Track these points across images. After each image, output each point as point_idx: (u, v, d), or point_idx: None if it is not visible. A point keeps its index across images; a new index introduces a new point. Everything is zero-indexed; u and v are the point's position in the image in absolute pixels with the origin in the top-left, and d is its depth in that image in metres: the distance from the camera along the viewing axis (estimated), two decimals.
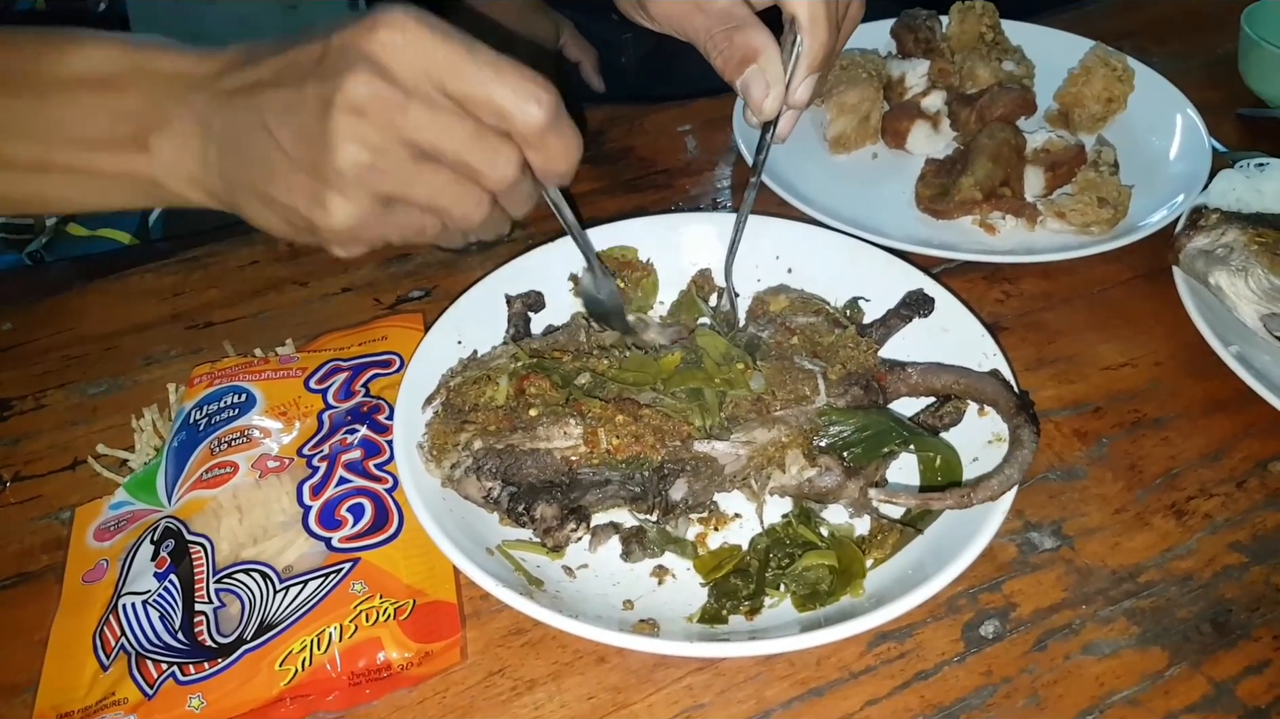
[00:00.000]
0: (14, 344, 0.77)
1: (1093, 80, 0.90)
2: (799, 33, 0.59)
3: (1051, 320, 0.77)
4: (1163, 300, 0.75)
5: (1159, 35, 1.11)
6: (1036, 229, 0.82)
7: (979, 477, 0.56)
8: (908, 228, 0.81)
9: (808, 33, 0.59)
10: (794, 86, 0.61)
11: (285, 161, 0.48)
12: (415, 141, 0.47)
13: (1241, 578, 0.60)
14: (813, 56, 0.60)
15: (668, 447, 0.57)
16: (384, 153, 0.47)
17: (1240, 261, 0.69)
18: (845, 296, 0.71)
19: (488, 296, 0.68)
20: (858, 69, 0.91)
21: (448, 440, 0.57)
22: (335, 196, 0.48)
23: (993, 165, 0.80)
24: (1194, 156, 0.86)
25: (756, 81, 0.60)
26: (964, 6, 0.96)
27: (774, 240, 0.72)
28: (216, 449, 0.64)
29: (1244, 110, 0.99)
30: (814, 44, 0.60)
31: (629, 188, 0.89)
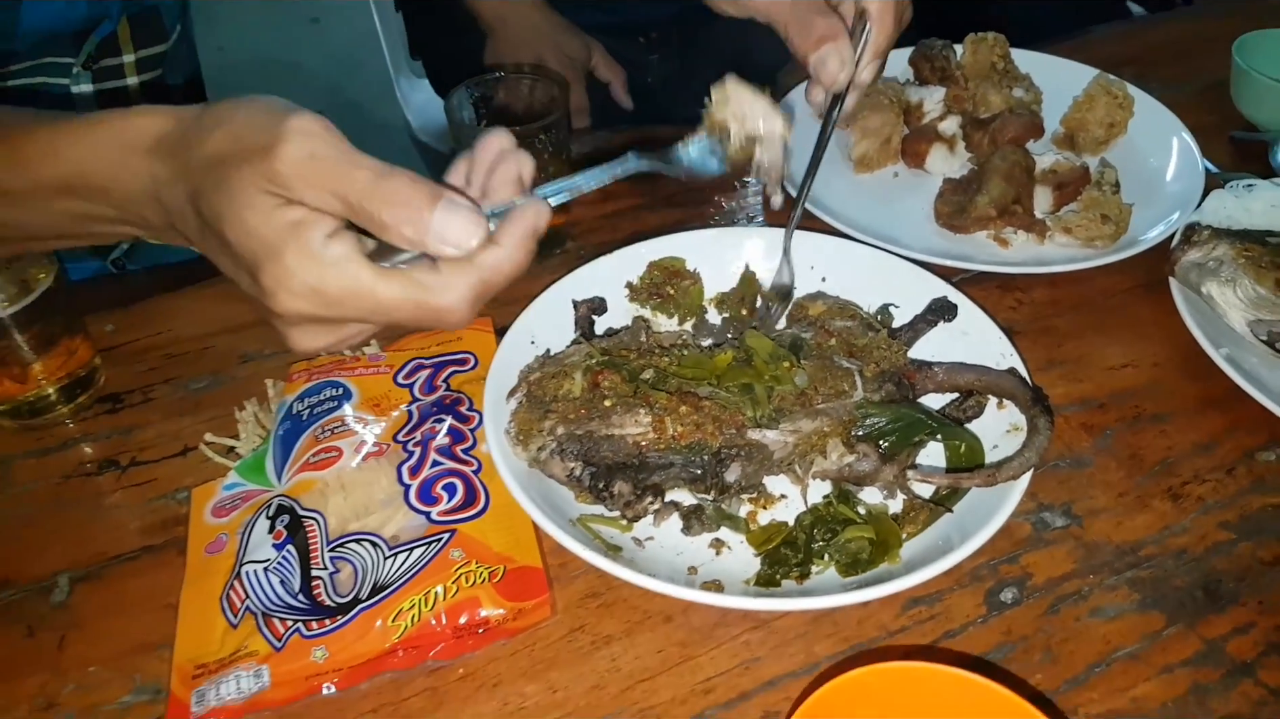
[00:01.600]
0: (117, 344, 0.85)
1: (1096, 106, 0.98)
2: (869, 22, 0.70)
3: (1060, 326, 0.84)
4: (1161, 308, 0.83)
5: (1157, 62, 1.19)
6: (1045, 243, 0.89)
7: (1001, 459, 0.64)
8: (927, 241, 0.89)
9: (877, 22, 0.70)
10: (862, 66, 0.72)
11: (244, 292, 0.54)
12: (344, 341, 0.55)
13: (1230, 552, 0.67)
14: (879, 43, 0.71)
15: (724, 434, 0.65)
16: (317, 337, 0.54)
17: (1229, 273, 0.77)
18: (876, 304, 0.79)
19: (556, 302, 0.76)
20: (879, 95, 0.99)
21: (533, 427, 0.65)
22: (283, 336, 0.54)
23: (1005, 185, 0.88)
24: (1189, 177, 0.94)
25: (832, 57, 0.70)
26: (977, 38, 1.04)
27: (809, 252, 0.80)
28: (321, 436, 0.71)
29: (1236, 133, 1.07)
30: (881, 33, 0.71)
31: (669, 203, 0.97)
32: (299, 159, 0.47)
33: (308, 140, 0.47)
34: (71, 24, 0.94)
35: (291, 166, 0.47)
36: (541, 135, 0.84)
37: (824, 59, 0.70)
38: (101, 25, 0.97)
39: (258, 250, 0.49)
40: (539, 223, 0.52)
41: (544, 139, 0.84)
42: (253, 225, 0.48)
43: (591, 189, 0.58)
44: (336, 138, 0.48)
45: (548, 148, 0.85)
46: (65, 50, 0.96)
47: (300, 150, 0.47)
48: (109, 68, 0.99)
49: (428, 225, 0.48)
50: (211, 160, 0.50)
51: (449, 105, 0.86)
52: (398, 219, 0.48)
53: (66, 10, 0.92)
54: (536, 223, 0.52)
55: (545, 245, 0.90)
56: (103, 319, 0.87)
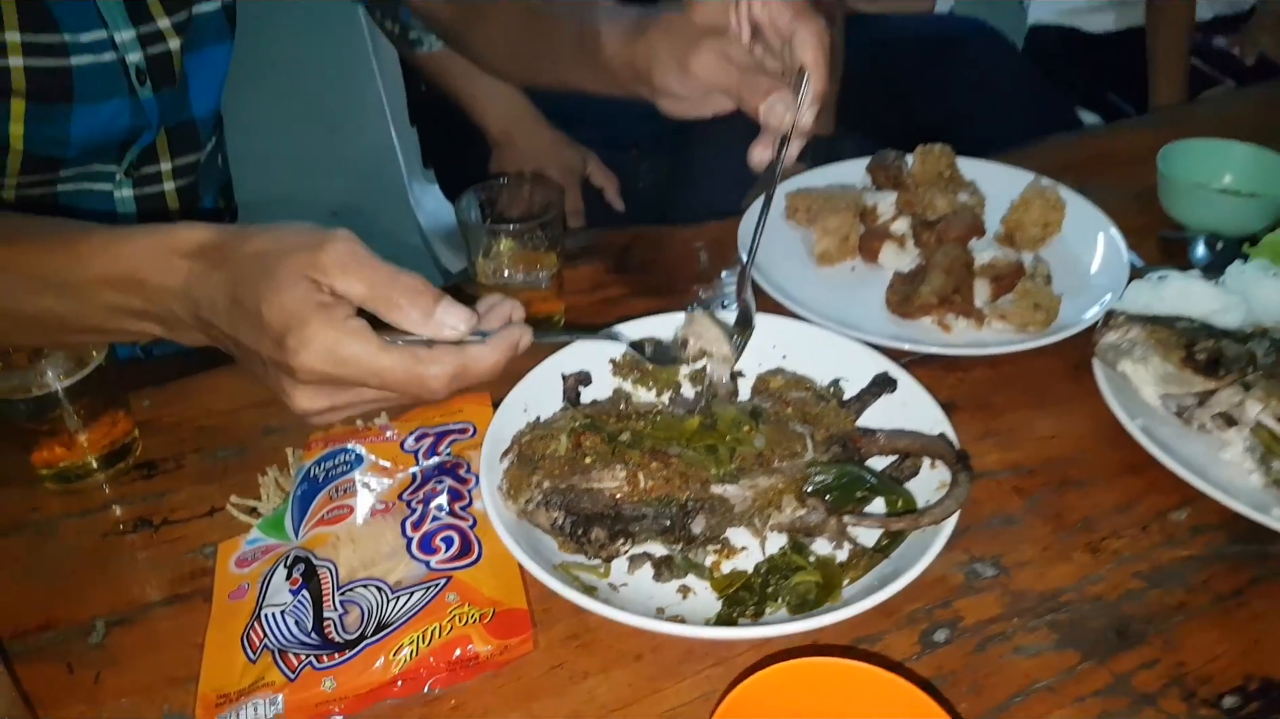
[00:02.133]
0: (153, 418, 0.95)
1: (1031, 208, 1.10)
2: (808, 73, 0.81)
3: (997, 401, 0.94)
4: (1086, 385, 0.92)
5: (1095, 170, 1.31)
6: (984, 329, 1.00)
7: (927, 505, 0.74)
8: (880, 326, 1.00)
9: (814, 73, 0.81)
10: (803, 111, 0.82)
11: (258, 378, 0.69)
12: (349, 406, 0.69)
13: (1141, 599, 0.76)
14: (816, 90, 0.82)
15: (690, 488, 0.74)
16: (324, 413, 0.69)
17: (1141, 352, 0.87)
18: (829, 378, 0.89)
19: (547, 375, 0.86)
20: (838, 200, 1.11)
21: (522, 482, 0.75)
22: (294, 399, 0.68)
23: (946, 277, 0.99)
24: (1115, 270, 1.05)
25: (778, 105, 0.81)
26: (925, 149, 1.17)
27: (772, 333, 0.91)
28: (334, 495, 0.81)
29: (1164, 233, 1.19)
30: (818, 81, 0.81)
31: (653, 292, 1.08)
32: (341, 253, 0.62)
33: (348, 243, 0.63)
34: (116, 134, 1.06)
35: (333, 258, 0.62)
36: (538, 232, 0.96)
37: (771, 106, 0.81)
38: (143, 136, 1.09)
39: (289, 321, 0.62)
40: (521, 341, 0.69)
41: (540, 235, 0.96)
42: (289, 301, 0.62)
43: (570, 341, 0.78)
44: (367, 248, 0.64)
45: (543, 243, 0.97)
46: (110, 158, 1.08)
47: (343, 248, 0.63)
48: (148, 174, 1.12)
49: (432, 310, 0.64)
50: (256, 255, 0.64)
51: (458, 207, 0.97)
52: (412, 303, 0.63)
53: (112, 122, 1.05)
54: (519, 340, 0.69)
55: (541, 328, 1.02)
56: (141, 395, 0.97)
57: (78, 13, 0.97)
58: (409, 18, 1.14)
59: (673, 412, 0.82)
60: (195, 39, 1.08)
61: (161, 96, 1.06)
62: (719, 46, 0.83)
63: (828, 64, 0.81)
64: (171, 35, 1.04)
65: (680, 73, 0.85)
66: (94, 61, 0.99)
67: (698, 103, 0.87)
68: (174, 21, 1.04)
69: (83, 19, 0.98)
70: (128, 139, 1.07)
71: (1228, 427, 0.84)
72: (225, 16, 1.12)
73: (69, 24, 0.97)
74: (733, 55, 0.83)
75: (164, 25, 1.03)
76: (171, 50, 1.05)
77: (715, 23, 0.84)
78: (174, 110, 1.09)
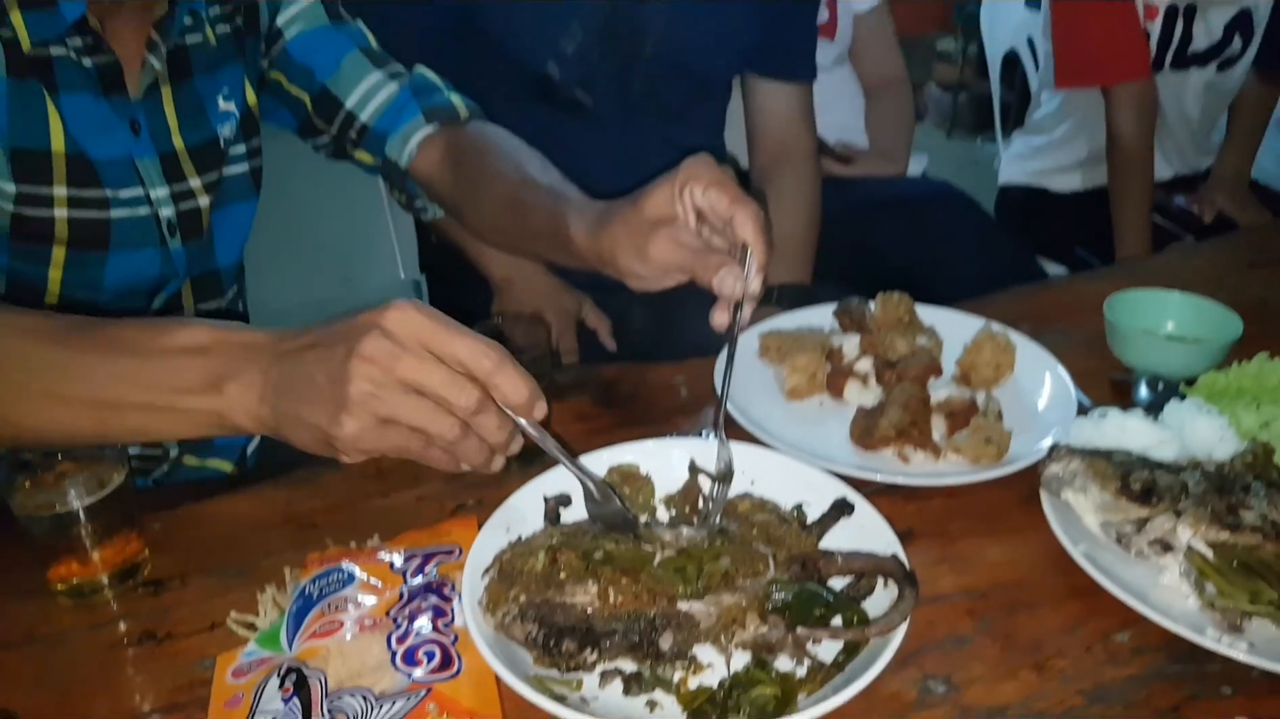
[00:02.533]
0: (163, 539, 1.00)
1: (983, 351, 1.19)
2: (750, 247, 0.93)
3: (953, 529, 1.00)
4: (1035, 514, 0.98)
5: (1052, 317, 1.41)
6: (940, 461, 1.07)
7: (874, 618, 0.79)
8: (845, 457, 1.07)
9: (755, 248, 0.93)
10: (750, 280, 0.93)
11: (316, 392, 0.76)
12: (404, 380, 0.74)
13: (1084, 716, 0.80)
14: (760, 261, 0.93)
15: (658, 605, 0.80)
16: (382, 386, 0.74)
17: (1081, 483, 0.94)
18: (793, 503, 0.95)
19: (530, 498, 0.93)
20: (807, 340, 1.20)
21: (501, 596, 0.80)
22: (346, 417, 0.75)
23: (903, 412, 1.07)
24: (1063, 408, 1.13)
25: (728, 278, 0.92)
26: (885, 295, 1.27)
27: (740, 461, 0.98)
28: (327, 611, 0.86)
29: (1115, 375, 1.27)
30: (760, 253, 0.93)
31: (635, 422, 1.16)
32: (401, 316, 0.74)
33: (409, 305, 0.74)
34: (146, 282, 1.17)
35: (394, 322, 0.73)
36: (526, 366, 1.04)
37: (722, 280, 0.92)
38: (170, 284, 1.20)
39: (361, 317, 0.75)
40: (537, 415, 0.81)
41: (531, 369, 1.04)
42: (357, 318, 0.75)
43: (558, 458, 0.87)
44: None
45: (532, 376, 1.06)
46: (138, 303, 1.19)
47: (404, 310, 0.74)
48: None
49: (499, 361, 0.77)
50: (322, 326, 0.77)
51: None
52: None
53: (143, 270, 1.16)
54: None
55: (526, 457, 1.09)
56: (153, 519, 1.03)
57: (119, 170, 1.09)
58: (415, 189, 1.27)
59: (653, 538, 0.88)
60: (223, 197, 1.21)
61: (189, 248, 1.17)
62: (670, 233, 0.95)
63: (766, 239, 0.93)
64: (202, 193, 1.17)
65: (640, 258, 0.97)
66: (130, 215, 1.11)
67: (658, 279, 1.00)
68: (205, 181, 1.17)
69: (123, 176, 1.10)
70: (156, 286, 1.18)
71: (1164, 552, 0.90)
72: (252, 177, 1.25)
73: (110, 180, 1.09)
74: (683, 239, 0.95)
75: (195, 184, 1.16)
76: (201, 207, 1.17)
77: (665, 213, 0.96)
78: (199, 260, 1.21)
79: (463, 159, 1.22)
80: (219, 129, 1.17)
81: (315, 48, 1.24)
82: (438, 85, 1.28)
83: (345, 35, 1.26)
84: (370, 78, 1.25)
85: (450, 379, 0.75)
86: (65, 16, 1.00)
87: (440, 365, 0.75)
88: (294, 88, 1.26)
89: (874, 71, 2.29)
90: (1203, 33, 2.23)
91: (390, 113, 1.25)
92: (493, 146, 1.21)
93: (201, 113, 1.16)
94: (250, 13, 1.20)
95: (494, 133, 1.25)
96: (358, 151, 1.30)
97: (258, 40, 1.22)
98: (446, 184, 1.24)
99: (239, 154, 1.22)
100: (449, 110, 1.26)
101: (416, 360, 0.74)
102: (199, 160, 1.16)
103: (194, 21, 1.13)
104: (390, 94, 1.25)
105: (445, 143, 1.24)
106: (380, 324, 0.73)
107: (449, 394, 0.76)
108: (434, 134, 1.25)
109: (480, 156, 1.20)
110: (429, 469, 1.09)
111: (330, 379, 0.74)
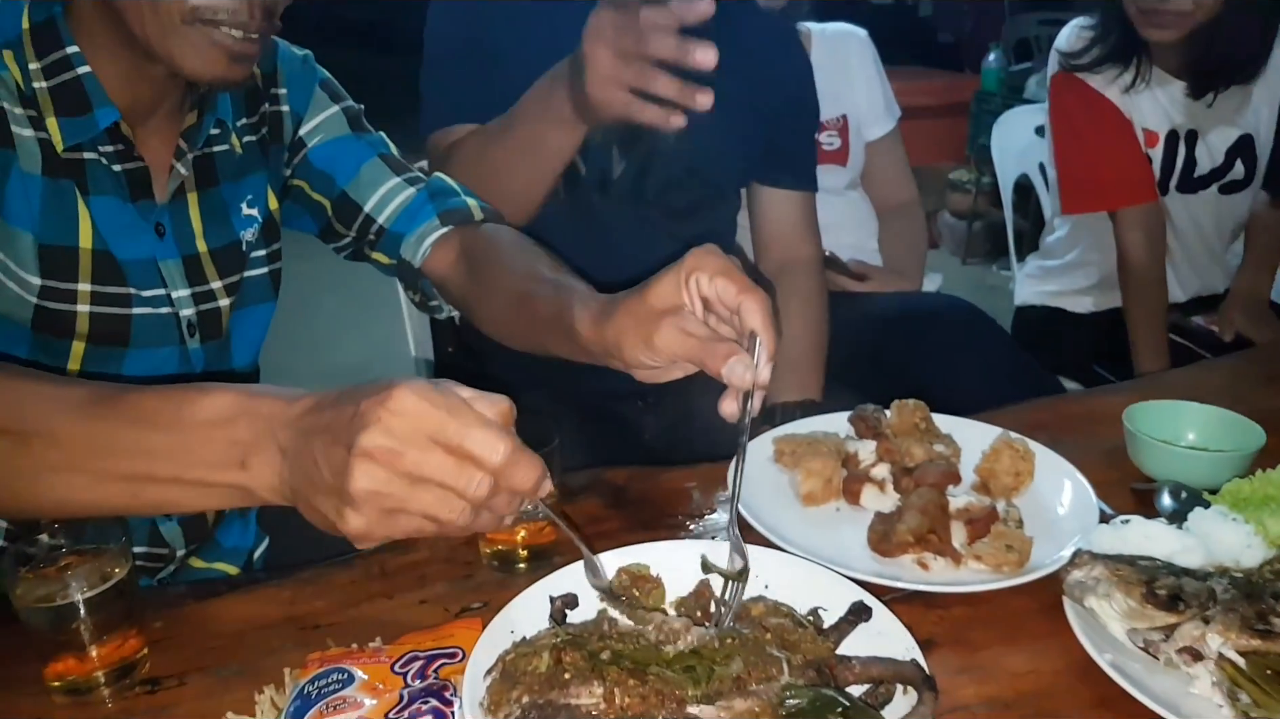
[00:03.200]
0: (164, 638, 0.99)
1: (1001, 458, 1.18)
2: (759, 335, 0.92)
3: (975, 638, 0.97)
4: (1058, 623, 0.95)
5: (1070, 428, 1.39)
6: (961, 568, 1.04)
7: None
8: (863, 563, 1.04)
9: (764, 336, 0.91)
10: (761, 368, 0.91)
11: (322, 483, 0.74)
12: (409, 474, 0.71)
13: None
14: (769, 348, 0.92)
15: (667, 708, 0.77)
16: (387, 482, 0.72)
17: (1105, 589, 0.91)
18: (808, 607, 0.93)
19: (536, 598, 0.91)
20: (821, 444, 1.19)
21: (502, 697, 0.78)
22: (350, 511, 0.73)
23: (921, 517, 1.05)
24: (1083, 514, 1.10)
25: (737, 366, 0.90)
26: (901, 403, 1.26)
27: (755, 564, 0.96)
28: (325, 712, 0.83)
29: (1136, 484, 1.25)
30: (769, 340, 0.91)
31: (646, 526, 1.15)
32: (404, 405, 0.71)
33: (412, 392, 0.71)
34: (163, 379, 1.19)
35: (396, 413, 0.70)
36: None
37: (732, 368, 0.90)
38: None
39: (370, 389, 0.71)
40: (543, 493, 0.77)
41: None
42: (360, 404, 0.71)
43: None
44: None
45: None
46: None
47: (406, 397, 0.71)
48: None
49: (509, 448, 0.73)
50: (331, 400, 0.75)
51: None
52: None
53: (161, 367, 1.17)
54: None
55: (535, 559, 1.07)
56: (153, 617, 1.02)
57: (143, 271, 1.12)
58: (429, 288, 1.30)
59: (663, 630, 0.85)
60: (243, 298, 1.23)
61: (207, 348, 1.19)
62: (677, 322, 0.94)
63: (774, 327, 0.93)
64: (222, 295, 1.19)
65: (647, 349, 0.96)
66: (151, 313, 1.13)
67: (666, 370, 0.99)
68: (226, 283, 1.20)
69: (146, 277, 1.13)
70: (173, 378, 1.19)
71: (1194, 661, 0.86)
72: (271, 280, 1.28)
73: (135, 279, 1.12)
74: (690, 328, 0.94)
75: (216, 286, 1.19)
76: (221, 308, 1.19)
77: (670, 303, 0.95)
78: (217, 360, 1.22)
79: (475, 257, 1.25)
80: (241, 233, 1.21)
81: (336, 156, 1.29)
82: (454, 190, 1.32)
83: (366, 144, 1.31)
84: (388, 183, 1.28)
85: (458, 470, 0.72)
86: (99, 123, 1.05)
87: (447, 457, 0.72)
88: (316, 194, 1.30)
89: (887, 195, 2.34)
90: (1205, 157, 2.28)
91: (406, 215, 1.28)
92: (503, 244, 1.24)
93: (225, 218, 1.20)
94: (275, 124, 1.26)
95: (506, 232, 1.27)
96: (375, 253, 1.33)
97: (281, 150, 1.27)
98: (459, 282, 1.26)
99: (260, 257, 1.25)
100: (464, 213, 1.29)
101: (421, 454, 0.71)
102: (221, 263, 1.19)
103: (221, 132, 1.18)
104: (407, 197, 1.29)
105: (460, 243, 1.25)
106: (382, 415, 0.70)
107: (458, 484, 0.73)
108: (448, 235, 1.27)
109: (491, 254, 1.23)
110: (435, 571, 1.08)
111: (334, 473, 0.73)
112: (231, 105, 1.19)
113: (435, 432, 0.71)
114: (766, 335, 0.92)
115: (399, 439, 0.71)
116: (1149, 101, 2.23)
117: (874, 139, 2.31)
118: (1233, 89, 2.20)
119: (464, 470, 0.73)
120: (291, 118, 1.27)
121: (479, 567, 1.08)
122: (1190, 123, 2.24)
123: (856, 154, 2.27)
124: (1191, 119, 2.24)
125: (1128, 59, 2.20)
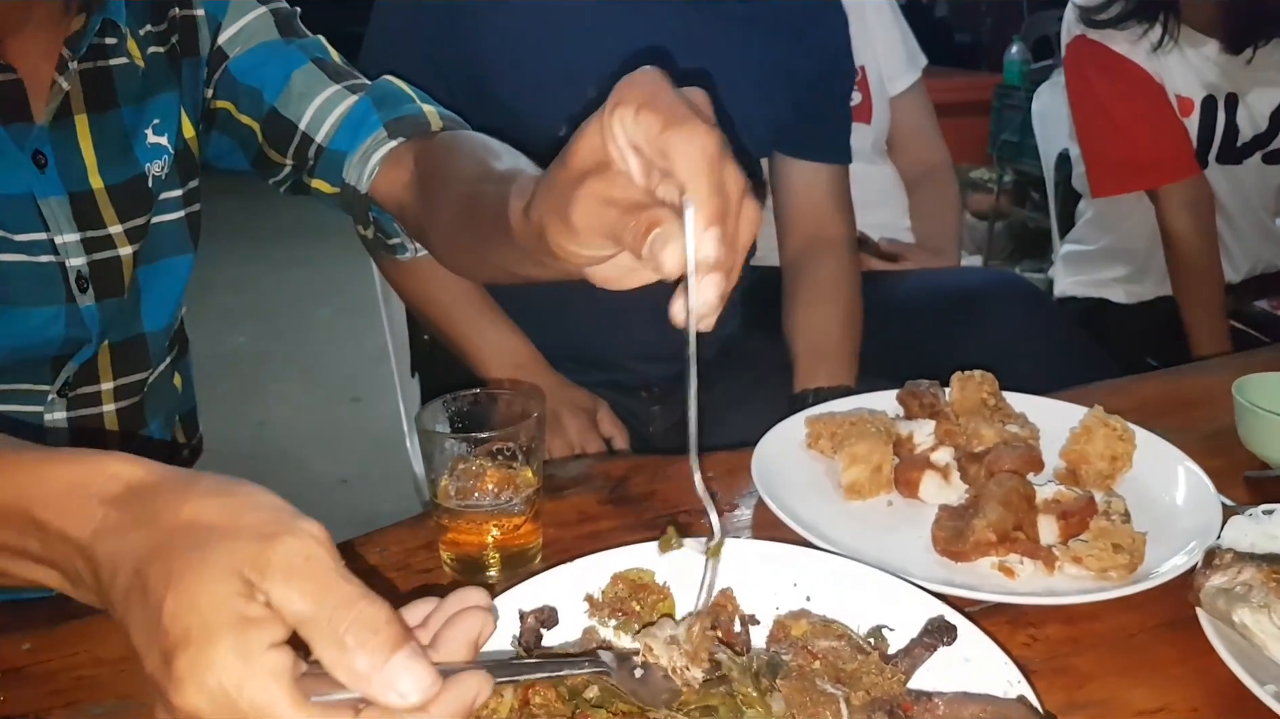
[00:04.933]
0: (30, 663, 0.77)
1: (1094, 439, 0.95)
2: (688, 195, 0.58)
3: (1080, 665, 0.74)
4: (1190, 647, 0.73)
5: (1156, 413, 1.16)
6: (1055, 574, 0.82)
7: None
8: (928, 569, 0.82)
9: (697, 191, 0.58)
10: (704, 242, 0.58)
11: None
12: None
13: None
14: (709, 212, 0.58)
15: None
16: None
17: (1261, 598, 0.69)
18: (867, 625, 0.70)
19: (501, 615, 0.68)
20: (867, 425, 0.97)
21: None
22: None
23: (1004, 510, 0.82)
24: (1204, 508, 0.88)
25: (659, 240, 0.57)
26: (963, 375, 1.04)
27: (791, 568, 0.74)
28: None
29: (1250, 473, 1.02)
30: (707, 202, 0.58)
31: (649, 526, 0.92)
32: (295, 554, 0.47)
33: (312, 543, 0.48)
34: (49, 346, 0.95)
35: (285, 559, 0.46)
36: (511, 444, 0.82)
37: (652, 245, 0.58)
38: (81, 350, 0.97)
39: (191, 629, 0.45)
40: (479, 697, 0.49)
41: (513, 447, 0.82)
42: (203, 602, 0.46)
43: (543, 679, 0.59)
44: (334, 553, 0.48)
45: (519, 457, 0.83)
46: (42, 378, 0.97)
47: (301, 548, 0.47)
48: (85, 395, 0.99)
49: (383, 664, 0.46)
50: (194, 525, 0.49)
51: (419, 416, 0.85)
52: (360, 644, 0.46)
53: (44, 330, 0.94)
54: (476, 697, 0.49)
55: (509, 565, 0.85)
56: (20, 639, 0.80)
57: (16, 210, 0.90)
58: (387, 220, 1.04)
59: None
60: (152, 249, 1.00)
61: (105, 306, 0.96)
62: (599, 188, 0.62)
63: (714, 180, 0.59)
64: (123, 242, 0.96)
65: (566, 227, 0.64)
66: (28, 262, 0.91)
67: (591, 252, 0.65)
68: (127, 228, 0.97)
69: (21, 217, 0.90)
70: (63, 352, 0.96)
71: None
72: (188, 227, 1.05)
73: (5, 220, 0.90)
74: (615, 195, 0.62)
75: (115, 231, 0.96)
76: (121, 257, 0.97)
77: (594, 160, 0.63)
78: (120, 323, 1.00)
79: (428, 172, 0.97)
80: (146, 166, 0.98)
81: (263, 66, 1.02)
82: (407, 94, 1.03)
83: (298, 48, 1.04)
84: (325, 91, 1.02)
85: None
86: None
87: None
88: (244, 116, 1.05)
89: (915, 158, 2.12)
90: (1247, 122, 2.07)
91: (348, 128, 1.01)
92: (460, 149, 0.95)
93: (126, 148, 0.96)
94: (188, 32, 1.01)
95: (466, 135, 0.99)
96: (315, 180, 1.05)
97: (197, 65, 1.02)
98: (415, 206, 0.98)
99: (172, 198, 1.01)
100: (416, 121, 1.00)
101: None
102: (121, 203, 0.95)
103: (117, 41, 0.95)
104: (348, 107, 1.02)
105: (414, 159, 0.98)
106: (172, 703, 0.46)
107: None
108: (399, 150, 0.99)
109: (445, 163, 0.94)
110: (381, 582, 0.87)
111: (150, 685, 0.48)
112: (128, 7, 0.96)
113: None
114: (700, 190, 0.58)
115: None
116: (1179, 63, 2.00)
117: (897, 93, 2.09)
118: (1274, 43, 1.97)
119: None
120: (208, 23, 1.02)
121: (439, 573, 0.86)
122: (1228, 85, 2.00)
123: (880, 110, 2.05)
124: (1229, 80, 1.99)
125: (1154, 14, 1.98)
